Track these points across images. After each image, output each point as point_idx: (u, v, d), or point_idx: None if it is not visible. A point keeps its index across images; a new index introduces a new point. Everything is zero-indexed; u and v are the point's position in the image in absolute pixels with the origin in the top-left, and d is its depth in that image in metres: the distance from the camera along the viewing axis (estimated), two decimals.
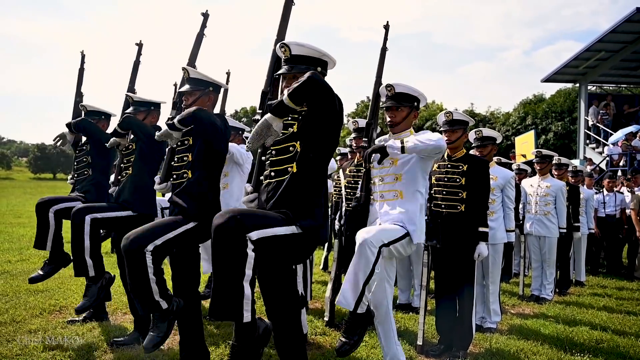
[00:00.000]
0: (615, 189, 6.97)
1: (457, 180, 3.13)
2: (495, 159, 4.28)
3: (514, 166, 6.23)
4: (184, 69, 2.67)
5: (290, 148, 2.05)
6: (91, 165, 3.51)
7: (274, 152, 2.14)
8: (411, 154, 2.47)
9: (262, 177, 2.19)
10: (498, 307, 3.82)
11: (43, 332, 3.27)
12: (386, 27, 2.79)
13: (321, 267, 6.00)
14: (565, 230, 4.98)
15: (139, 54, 3.50)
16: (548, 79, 14.67)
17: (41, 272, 3.28)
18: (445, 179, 3.17)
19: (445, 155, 3.27)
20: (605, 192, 6.88)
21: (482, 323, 3.75)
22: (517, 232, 5.61)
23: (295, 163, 2.02)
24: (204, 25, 2.89)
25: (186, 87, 2.61)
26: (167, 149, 2.73)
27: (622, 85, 16.28)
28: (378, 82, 2.71)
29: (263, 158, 2.17)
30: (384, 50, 2.78)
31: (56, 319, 3.62)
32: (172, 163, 2.61)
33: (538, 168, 5.07)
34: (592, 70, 13.53)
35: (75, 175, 3.62)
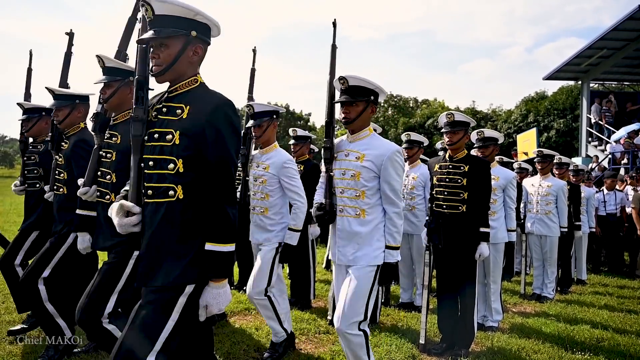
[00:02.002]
0: (617, 188, 6.98)
1: (459, 181, 3.16)
2: (497, 158, 4.31)
3: (516, 165, 6.24)
4: (97, 57, 2.37)
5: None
6: (44, 178, 3.17)
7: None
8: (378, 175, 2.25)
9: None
10: (499, 306, 3.86)
11: None
12: (334, 23, 2.60)
13: (324, 265, 6.03)
14: (566, 230, 5.00)
15: (70, 44, 3.18)
16: (550, 77, 14.64)
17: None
18: (447, 179, 3.20)
19: (447, 156, 3.30)
20: (606, 191, 6.89)
21: (484, 322, 3.79)
22: (519, 231, 5.63)
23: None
24: (135, 11, 2.56)
25: (102, 78, 2.37)
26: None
27: (624, 83, 16.25)
28: (331, 82, 2.49)
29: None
30: (334, 47, 2.59)
31: None
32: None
33: (539, 167, 5.09)
34: (594, 67, 13.51)
35: (27, 184, 3.27)
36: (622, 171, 10.29)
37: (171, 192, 1.62)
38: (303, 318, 3.77)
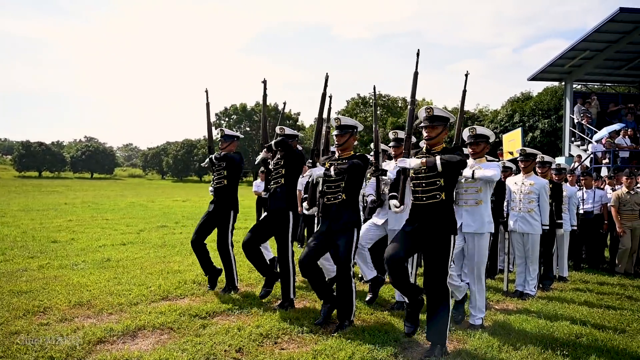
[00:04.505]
0: (594, 185, 7.10)
1: (434, 169, 3.13)
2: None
3: (500, 164, 6.30)
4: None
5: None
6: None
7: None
8: None
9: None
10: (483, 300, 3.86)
11: (26, 334, 3.24)
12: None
13: None
14: (548, 227, 5.06)
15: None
16: (534, 77, 14.84)
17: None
18: (423, 169, 3.15)
19: (424, 149, 3.29)
20: (585, 189, 7.00)
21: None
22: (502, 229, 5.69)
23: None
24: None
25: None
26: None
27: (606, 84, 16.57)
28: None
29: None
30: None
31: (40, 320, 3.58)
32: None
33: (522, 166, 5.15)
34: (577, 69, 13.74)
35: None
36: (604, 170, 10.51)
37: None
38: (286, 317, 3.75)
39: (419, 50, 3.17)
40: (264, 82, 4.42)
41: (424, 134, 3.21)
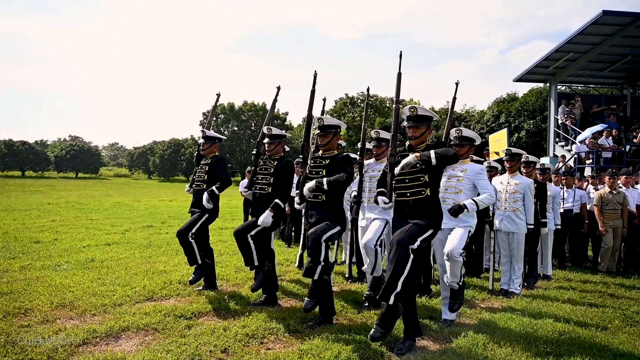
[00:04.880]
0: (575, 185, 7.24)
1: (417, 165, 3.13)
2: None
3: (485, 164, 6.37)
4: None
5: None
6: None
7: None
8: None
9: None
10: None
11: (6, 336, 3.16)
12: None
13: (296, 264, 6.00)
14: (532, 226, 5.13)
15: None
16: (520, 79, 15.06)
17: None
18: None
19: (407, 147, 3.31)
20: (565, 188, 7.13)
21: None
22: (487, 229, 5.75)
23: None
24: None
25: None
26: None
27: (590, 86, 16.90)
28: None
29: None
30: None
31: (20, 321, 3.50)
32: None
33: (508, 166, 5.21)
34: (561, 70, 13.97)
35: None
36: (587, 170, 10.71)
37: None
38: (272, 317, 3.73)
39: (401, 52, 3.23)
40: (278, 87, 4.51)
41: (408, 133, 3.23)
